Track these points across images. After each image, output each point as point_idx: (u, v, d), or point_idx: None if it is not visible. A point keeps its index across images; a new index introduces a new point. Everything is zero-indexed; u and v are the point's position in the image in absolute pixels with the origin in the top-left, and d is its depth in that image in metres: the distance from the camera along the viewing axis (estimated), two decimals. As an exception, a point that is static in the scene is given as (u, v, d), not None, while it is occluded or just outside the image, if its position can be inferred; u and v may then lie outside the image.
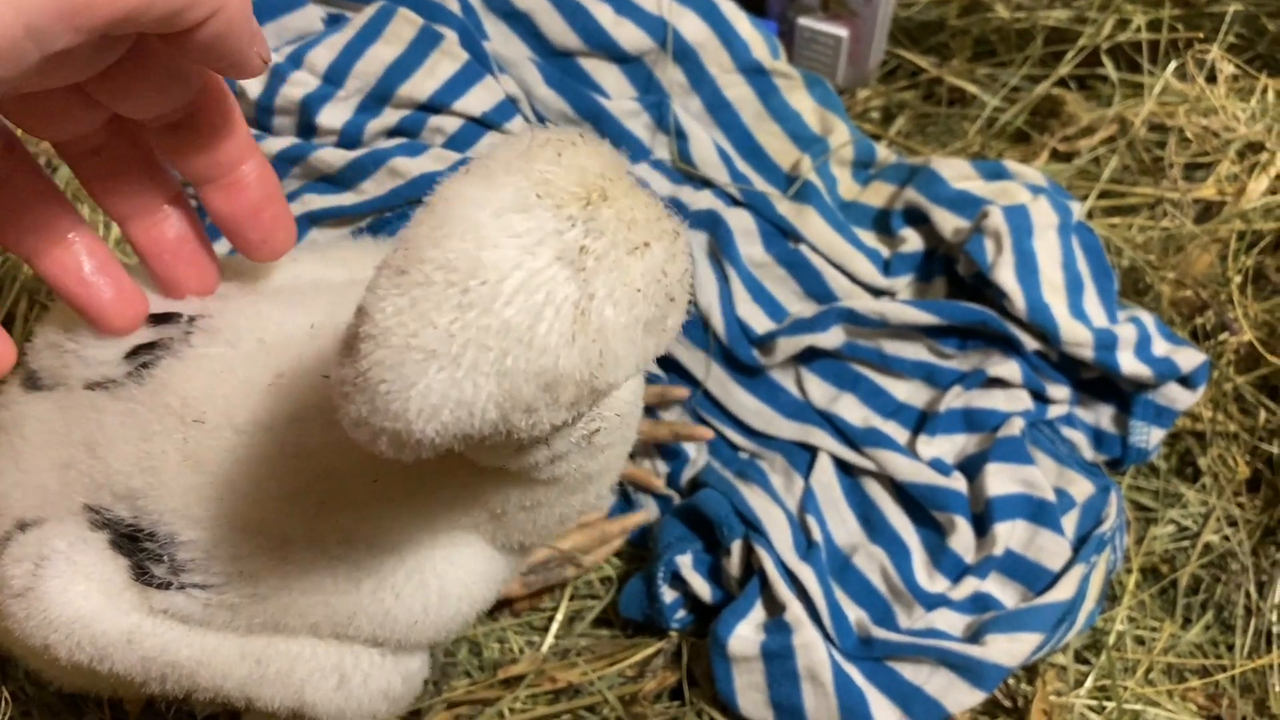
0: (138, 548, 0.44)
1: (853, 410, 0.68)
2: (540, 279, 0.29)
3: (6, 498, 0.47)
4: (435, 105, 0.65)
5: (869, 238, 0.72)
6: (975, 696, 0.57)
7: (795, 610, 0.59)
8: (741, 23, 0.72)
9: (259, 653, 0.46)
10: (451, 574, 0.46)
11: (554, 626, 0.68)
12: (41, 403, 0.48)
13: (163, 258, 0.46)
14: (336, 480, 0.43)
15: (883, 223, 0.72)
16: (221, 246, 0.52)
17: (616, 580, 0.69)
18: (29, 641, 0.44)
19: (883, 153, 0.74)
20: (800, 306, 0.70)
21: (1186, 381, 0.66)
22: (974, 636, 0.59)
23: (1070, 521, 0.63)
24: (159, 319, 0.47)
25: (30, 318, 0.67)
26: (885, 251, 0.71)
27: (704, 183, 0.71)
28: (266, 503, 0.43)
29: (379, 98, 0.65)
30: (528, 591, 0.66)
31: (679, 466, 0.70)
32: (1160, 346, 0.66)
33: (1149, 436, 0.66)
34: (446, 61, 0.65)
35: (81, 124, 0.41)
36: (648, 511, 0.70)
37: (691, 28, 0.70)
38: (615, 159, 0.32)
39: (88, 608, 0.44)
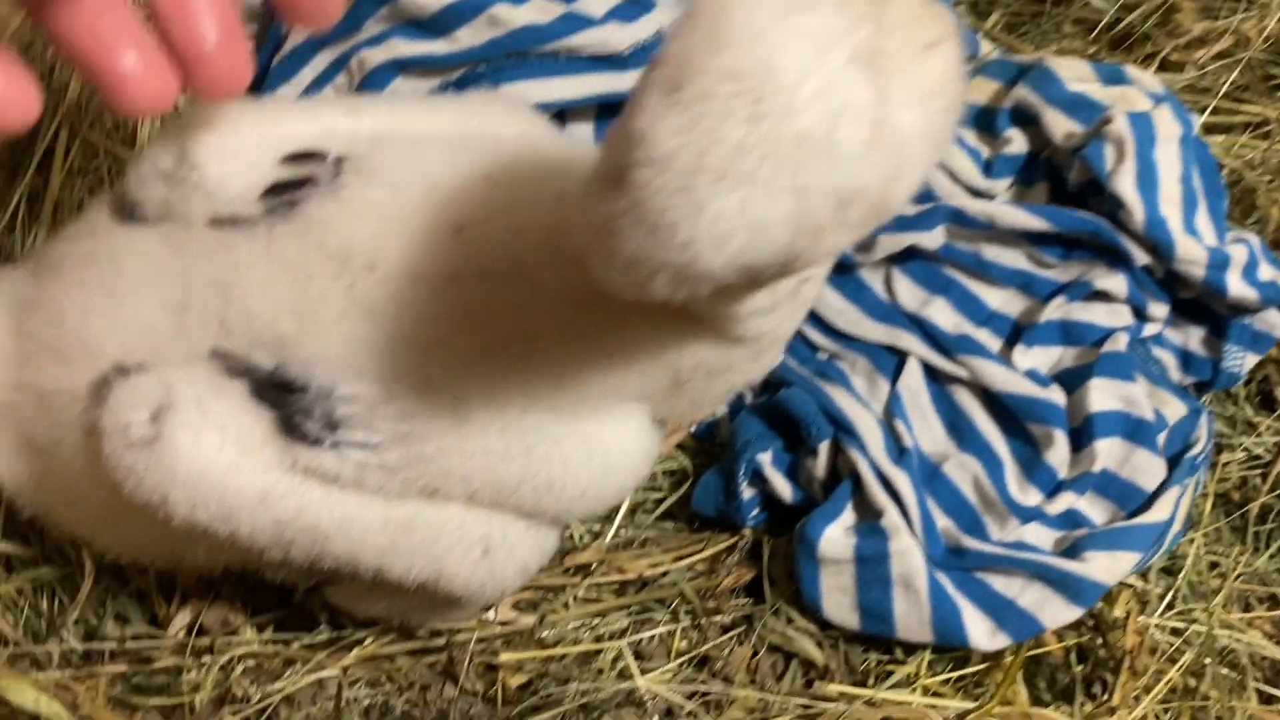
0: (286, 399, 0.41)
1: (944, 315, 0.65)
2: (836, 83, 0.27)
3: (101, 337, 0.43)
4: (544, -54, 0.60)
5: (969, 136, 0.69)
6: (1072, 612, 0.56)
7: (892, 516, 0.57)
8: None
9: (405, 519, 0.43)
10: (618, 446, 0.44)
11: (618, 516, 0.65)
12: (143, 237, 0.44)
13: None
14: (530, 341, 0.40)
15: (985, 121, 0.69)
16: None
17: (680, 474, 0.67)
18: (143, 497, 0.41)
19: (985, 46, 0.71)
20: (897, 203, 0.67)
21: (1286, 308, 0.65)
22: (1068, 552, 0.58)
23: (1160, 442, 0.62)
24: (299, 157, 0.44)
25: (73, 151, 0.61)
26: (986, 151, 0.68)
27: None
28: (450, 360, 0.40)
29: (479, -66, 0.59)
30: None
31: (757, 361, 0.67)
32: (1265, 271, 0.64)
33: (1243, 361, 0.65)
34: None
35: None
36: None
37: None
38: None
39: (220, 462, 0.40)
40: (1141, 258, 0.63)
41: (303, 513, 0.42)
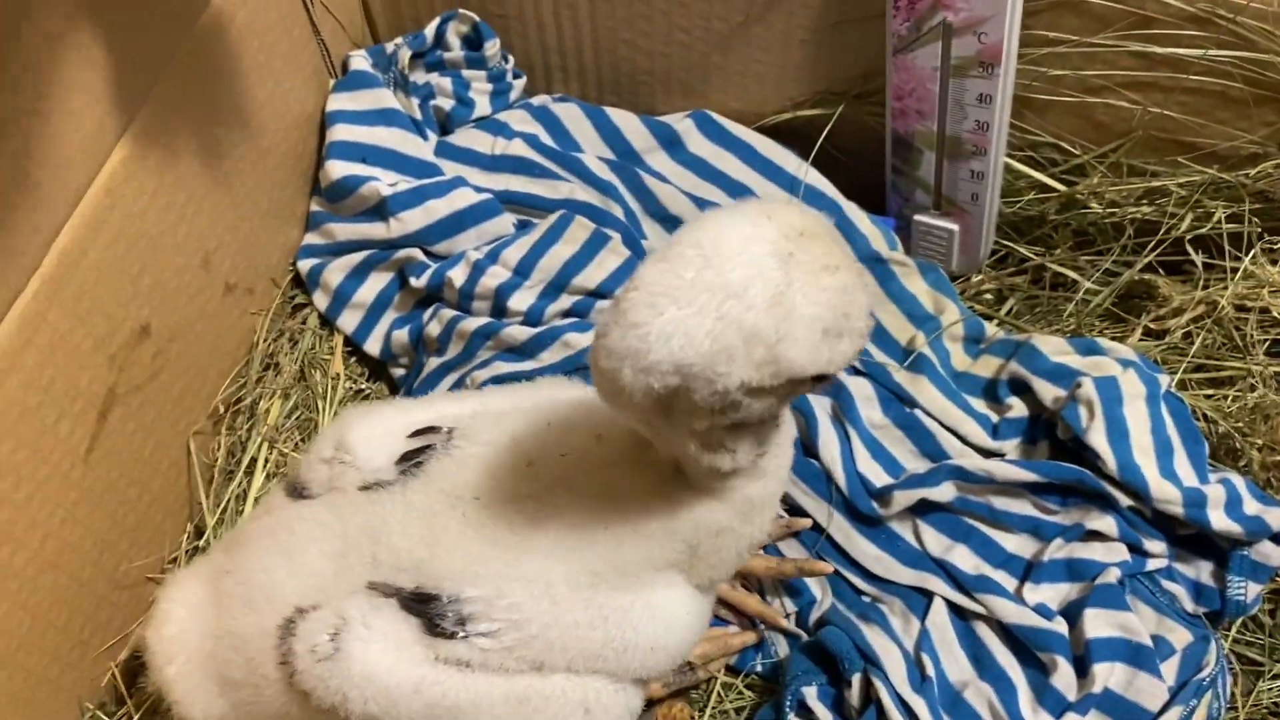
0: (426, 608, 0.56)
1: (965, 559, 0.75)
2: (758, 260, 0.42)
3: (282, 588, 0.59)
4: (602, 292, 0.79)
5: (980, 404, 0.81)
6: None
7: (910, 738, 0.66)
8: (862, 220, 0.84)
9: (521, 692, 0.56)
10: (671, 607, 0.57)
11: (693, 748, 0.75)
12: (310, 507, 0.61)
13: None
14: (586, 531, 0.55)
15: (991, 391, 0.81)
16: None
17: (749, 710, 0.77)
18: (328, 700, 0.55)
19: (991, 329, 0.84)
20: (915, 464, 0.79)
21: (1279, 539, 0.71)
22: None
23: (1170, 668, 0.68)
24: (423, 432, 0.61)
25: (269, 459, 0.82)
26: (994, 417, 0.80)
27: (829, 356, 0.81)
28: (538, 556, 0.55)
29: (557, 286, 0.80)
30: (666, 692, 0.74)
31: (806, 606, 0.78)
32: (1251, 506, 0.72)
33: (1246, 591, 0.71)
34: (613, 257, 0.80)
35: None
36: (756, 633, 0.77)
37: (818, 226, 0.82)
38: (836, 232, 0.44)
39: (384, 663, 0.55)
40: (1124, 500, 0.72)
41: (446, 695, 0.55)
